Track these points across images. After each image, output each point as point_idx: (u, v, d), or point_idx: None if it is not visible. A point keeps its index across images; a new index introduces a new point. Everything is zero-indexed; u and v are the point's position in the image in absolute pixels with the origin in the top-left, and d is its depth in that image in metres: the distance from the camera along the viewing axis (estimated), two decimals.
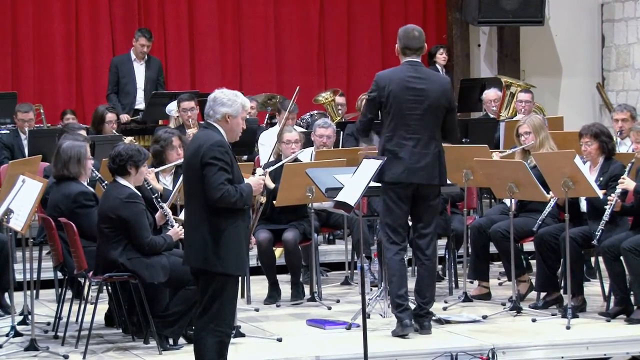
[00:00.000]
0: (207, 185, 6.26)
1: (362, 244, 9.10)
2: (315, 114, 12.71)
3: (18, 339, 8.10)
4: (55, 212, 8.16)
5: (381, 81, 8.01)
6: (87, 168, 8.29)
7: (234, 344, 6.87)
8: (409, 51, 8.06)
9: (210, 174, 6.26)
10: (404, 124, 7.94)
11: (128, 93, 12.67)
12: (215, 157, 6.27)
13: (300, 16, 14.87)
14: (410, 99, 7.95)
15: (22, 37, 13.66)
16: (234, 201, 6.29)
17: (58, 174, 8.27)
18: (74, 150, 8.24)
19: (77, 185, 8.20)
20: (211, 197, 6.26)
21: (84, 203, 8.10)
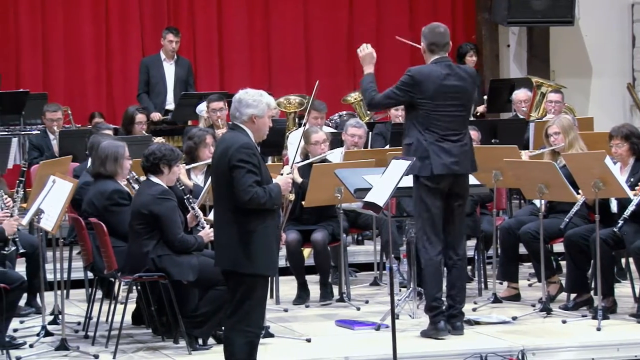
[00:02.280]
0: (235, 188, 6.27)
1: (391, 244, 9.15)
2: (344, 115, 12.71)
3: (49, 338, 8.15)
4: (89, 208, 8.21)
5: (418, 78, 7.98)
6: (124, 168, 8.33)
7: (263, 344, 6.88)
8: (436, 48, 8.05)
9: (238, 177, 6.26)
10: (439, 120, 7.93)
11: (159, 93, 12.71)
12: (242, 160, 6.28)
13: (329, 16, 14.86)
14: (447, 96, 7.95)
15: (52, 38, 13.73)
16: (263, 202, 6.30)
17: (95, 171, 8.35)
18: (112, 149, 8.31)
19: (113, 183, 8.26)
20: (240, 200, 6.27)
21: (118, 201, 8.15)
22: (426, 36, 8.10)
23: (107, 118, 12.97)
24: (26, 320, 8.73)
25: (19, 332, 8.35)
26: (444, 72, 7.99)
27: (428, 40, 8.08)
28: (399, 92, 8.01)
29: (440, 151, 7.90)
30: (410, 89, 7.95)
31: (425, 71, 8.02)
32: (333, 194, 9.05)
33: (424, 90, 7.92)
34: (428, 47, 8.08)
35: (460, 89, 8.01)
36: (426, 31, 8.12)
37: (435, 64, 8.03)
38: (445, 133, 7.93)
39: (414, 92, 7.94)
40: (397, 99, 8.10)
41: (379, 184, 7.52)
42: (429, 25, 8.20)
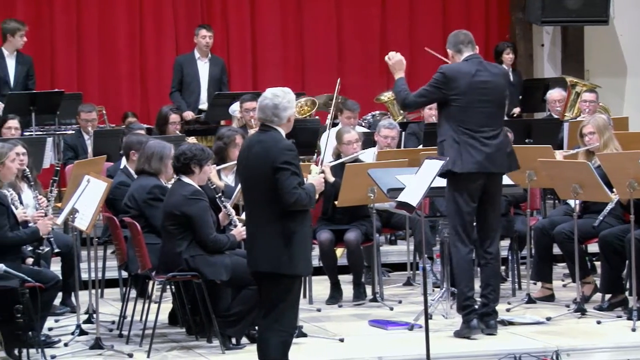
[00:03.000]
0: (280, 190, 6.25)
1: (424, 244, 9.14)
2: (377, 114, 12.69)
3: (83, 337, 8.19)
4: (130, 202, 8.26)
5: (450, 75, 7.98)
6: (168, 167, 8.38)
7: (296, 344, 6.89)
8: (462, 46, 8.08)
9: (283, 179, 6.25)
10: (474, 116, 7.92)
11: (192, 92, 12.74)
12: (287, 162, 6.27)
13: (362, 16, 14.86)
14: (480, 92, 7.95)
15: (86, 38, 13.81)
16: (305, 204, 6.31)
17: (140, 167, 8.41)
18: (158, 148, 8.38)
19: (155, 180, 8.32)
20: (286, 202, 6.26)
21: (158, 196, 8.19)
22: (450, 41, 8.18)
23: (141, 117, 13.03)
24: (61, 319, 8.79)
25: (54, 330, 8.40)
26: (475, 68, 8.00)
27: (452, 44, 8.14)
28: (432, 89, 8.02)
29: (473, 149, 7.88)
30: (443, 86, 7.95)
31: (457, 68, 8.03)
32: (366, 194, 9.05)
33: (456, 86, 7.92)
34: (454, 49, 8.12)
35: (491, 85, 8.00)
36: (449, 38, 8.21)
37: (465, 62, 8.04)
38: (479, 129, 7.91)
39: (447, 89, 7.94)
40: (430, 97, 8.11)
41: (412, 184, 7.51)
42: (452, 32, 8.27)
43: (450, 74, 7.98)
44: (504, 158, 8.02)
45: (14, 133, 10.40)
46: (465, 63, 8.03)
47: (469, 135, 7.90)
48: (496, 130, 8.00)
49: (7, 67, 12.07)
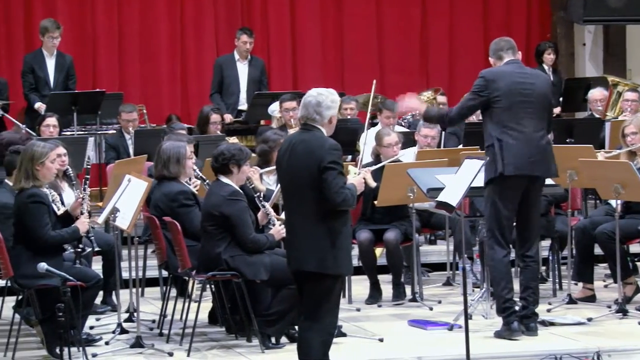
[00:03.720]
0: (327, 190, 6.23)
1: (464, 244, 9.10)
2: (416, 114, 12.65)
3: (124, 335, 8.24)
4: (156, 211, 8.29)
5: (490, 77, 7.96)
6: (187, 167, 8.40)
7: (336, 343, 6.88)
8: (502, 52, 8.08)
9: (330, 179, 6.23)
10: (515, 119, 7.89)
11: (232, 93, 12.78)
12: (334, 162, 6.25)
13: (402, 15, 14.84)
14: (521, 94, 7.93)
15: (128, 38, 13.89)
16: (351, 203, 6.31)
17: (158, 174, 8.41)
18: (174, 150, 8.37)
19: (177, 184, 8.32)
20: (332, 201, 6.24)
21: (183, 202, 8.21)
22: (491, 49, 8.18)
23: (181, 117, 13.08)
24: (102, 318, 8.84)
25: (95, 329, 8.46)
26: (516, 71, 7.98)
27: (493, 51, 8.14)
28: (473, 95, 7.99)
29: (514, 151, 7.84)
30: (484, 90, 7.93)
31: (497, 70, 8.03)
32: (405, 194, 9.03)
33: (497, 88, 7.89)
34: (495, 56, 8.11)
35: (532, 87, 7.97)
36: (491, 46, 8.20)
37: (505, 65, 8.02)
38: (521, 131, 7.87)
39: (489, 91, 7.91)
40: (473, 104, 8.05)
41: (452, 184, 7.49)
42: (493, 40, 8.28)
43: (490, 76, 7.96)
44: (546, 162, 7.97)
45: (52, 131, 10.46)
46: (505, 66, 8.02)
47: (511, 137, 7.87)
48: (539, 132, 7.96)
49: (46, 68, 12.16)
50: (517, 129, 7.88)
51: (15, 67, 12.82)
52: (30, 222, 7.59)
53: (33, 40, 12.92)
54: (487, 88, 7.92)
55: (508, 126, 7.88)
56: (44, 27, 12.15)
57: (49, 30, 12.08)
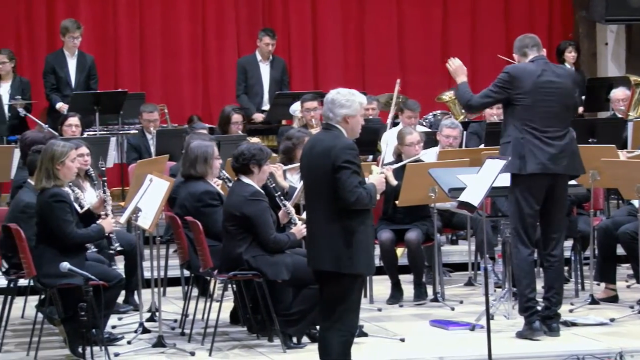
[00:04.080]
0: (341, 189, 6.24)
1: (486, 244, 9.07)
2: (438, 114, 12.65)
3: (146, 335, 8.26)
4: (181, 210, 8.31)
5: (515, 74, 7.95)
6: (214, 167, 8.42)
7: (357, 343, 6.88)
8: (527, 49, 8.05)
9: (344, 177, 6.24)
10: (539, 116, 7.88)
11: (256, 94, 12.80)
12: (348, 161, 6.25)
13: (423, 15, 14.82)
14: (546, 92, 7.91)
15: (149, 37, 13.91)
16: (366, 203, 6.29)
17: (185, 172, 8.44)
18: (201, 150, 8.39)
19: (203, 184, 8.34)
20: (346, 200, 6.24)
21: (208, 202, 8.23)
22: (516, 46, 8.16)
23: (203, 117, 13.11)
24: (124, 317, 8.86)
25: (117, 328, 8.48)
26: (541, 68, 7.97)
27: (518, 48, 8.12)
28: (496, 89, 7.97)
29: (537, 150, 7.82)
30: (508, 85, 7.91)
31: (521, 67, 8.01)
32: (427, 194, 9.02)
33: (521, 86, 7.88)
34: (520, 53, 8.10)
35: (557, 85, 7.95)
36: (515, 43, 8.19)
37: (531, 62, 7.99)
38: (544, 129, 7.86)
39: (511, 88, 7.89)
40: (494, 97, 8.05)
41: (473, 184, 7.47)
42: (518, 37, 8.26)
43: (514, 73, 7.94)
44: (569, 160, 7.94)
45: (74, 130, 10.49)
46: (530, 64, 8.00)
47: (533, 135, 7.85)
48: (562, 131, 7.93)
49: (68, 68, 12.20)
50: (540, 128, 7.86)
51: (38, 68, 12.87)
52: (55, 221, 7.61)
53: (55, 41, 12.97)
54: (511, 85, 7.90)
55: (530, 125, 7.86)
56: (64, 27, 12.19)
57: (70, 31, 12.12)
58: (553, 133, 7.88)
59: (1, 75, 12.10)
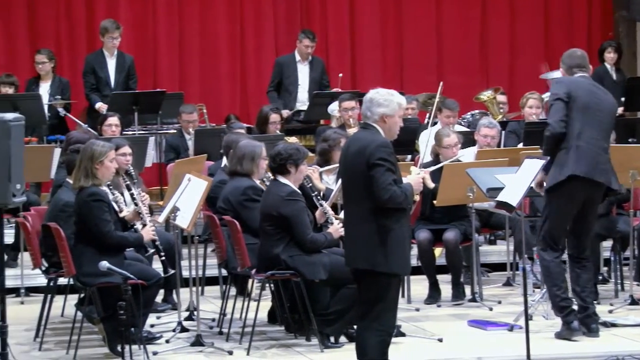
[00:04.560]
0: (375, 187, 6.24)
1: (524, 244, 9.04)
2: (476, 113, 12.61)
3: (184, 334, 8.29)
4: (225, 204, 8.34)
5: (568, 83, 7.96)
6: (260, 167, 8.45)
7: (395, 343, 6.87)
8: (577, 69, 8.07)
9: (378, 175, 6.24)
10: (589, 125, 7.86)
11: (290, 93, 12.82)
12: (382, 158, 6.25)
13: (462, 15, 14.78)
14: (595, 104, 7.92)
15: (188, 37, 13.97)
16: (400, 201, 6.27)
17: (232, 169, 8.49)
18: (249, 148, 8.44)
19: (248, 180, 8.39)
20: (380, 198, 6.24)
21: (252, 197, 8.26)
22: (565, 61, 8.14)
23: (241, 117, 13.13)
24: (162, 316, 8.90)
25: (156, 327, 8.52)
26: (588, 82, 8.02)
27: (567, 65, 8.11)
28: (559, 101, 7.89)
29: (586, 155, 7.79)
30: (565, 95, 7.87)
31: (573, 79, 8.02)
32: (465, 193, 9.00)
33: (575, 94, 7.90)
34: (568, 71, 8.08)
35: (603, 103, 7.97)
36: (565, 57, 8.15)
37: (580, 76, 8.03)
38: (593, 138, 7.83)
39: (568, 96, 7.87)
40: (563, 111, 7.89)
41: (512, 183, 7.44)
42: (567, 51, 8.23)
43: (567, 82, 7.97)
44: (611, 173, 7.97)
45: (114, 130, 10.54)
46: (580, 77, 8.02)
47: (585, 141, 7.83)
48: (605, 144, 7.96)
49: (107, 68, 12.27)
50: (590, 135, 7.84)
51: (77, 68, 12.96)
52: (93, 220, 7.66)
53: (95, 41, 13.05)
54: (567, 94, 7.87)
55: (582, 132, 7.83)
56: (103, 28, 12.28)
57: (109, 31, 12.20)
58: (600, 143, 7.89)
59: (41, 75, 12.20)
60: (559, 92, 7.90)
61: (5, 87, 11.88)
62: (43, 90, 12.06)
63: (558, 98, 7.89)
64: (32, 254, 8.35)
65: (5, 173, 6.54)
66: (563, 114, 7.86)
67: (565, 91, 7.88)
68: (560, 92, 7.89)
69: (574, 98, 7.87)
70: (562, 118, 7.85)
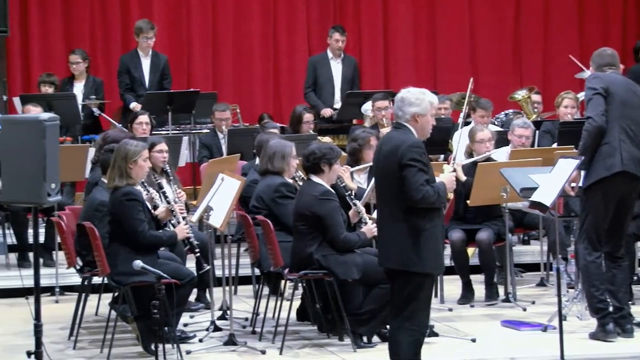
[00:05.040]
0: (407, 187, 6.24)
1: (558, 245, 9.00)
2: (510, 113, 12.56)
3: (217, 333, 8.31)
4: (258, 202, 8.35)
5: (604, 78, 7.91)
6: (291, 166, 8.46)
7: (428, 343, 6.87)
8: (606, 67, 8.00)
9: (410, 175, 6.24)
10: (627, 120, 7.82)
11: (326, 92, 12.81)
12: (414, 159, 6.25)
13: (496, 15, 14.73)
14: (630, 98, 7.87)
15: (222, 37, 14.00)
16: (433, 201, 6.27)
17: (263, 168, 8.51)
18: (280, 147, 8.47)
19: (280, 178, 8.40)
20: (412, 198, 6.24)
21: (285, 193, 8.28)
22: (595, 60, 8.09)
23: (274, 116, 13.16)
24: (196, 315, 8.93)
25: (189, 326, 8.55)
26: (622, 79, 7.99)
27: (597, 64, 8.06)
28: (597, 95, 7.85)
29: (629, 150, 7.75)
30: (602, 89, 7.83)
31: (607, 75, 7.96)
32: (498, 193, 8.97)
33: (612, 88, 7.85)
34: (598, 70, 8.03)
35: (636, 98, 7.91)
36: (595, 56, 8.10)
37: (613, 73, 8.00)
38: (632, 131, 7.78)
39: (605, 91, 7.83)
40: (602, 100, 7.86)
41: (546, 183, 7.41)
42: (597, 50, 8.18)
43: (602, 77, 7.91)
44: None
45: (145, 129, 10.58)
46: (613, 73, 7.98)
47: (626, 135, 7.80)
48: None
49: (142, 68, 12.33)
50: (629, 129, 7.81)
51: (112, 68, 13.03)
52: (127, 219, 7.69)
53: (129, 41, 13.11)
54: (605, 89, 7.83)
55: (621, 126, 7.80)
56: (138, 28, 12.34)
57: (143, 31, 12.26)
58: (634, 138, 7.83)
59: (75, 75, 12.28)
60: (596, 86, 7.85)
61: (45, 86, 11.97)
62: (77, 90, 12.14)
63: (596, 92, 7.84)
64: (66, 253, 8.41)
65: (40, 173, 6.58)
66: (603, 108, 7.81)
67: (602, 85, 7.84)
68: (597, 86, 7.85)
69: (612, 93, 7.82)
70: (603, 112, 7.79)
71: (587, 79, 8.04)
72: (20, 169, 6.63)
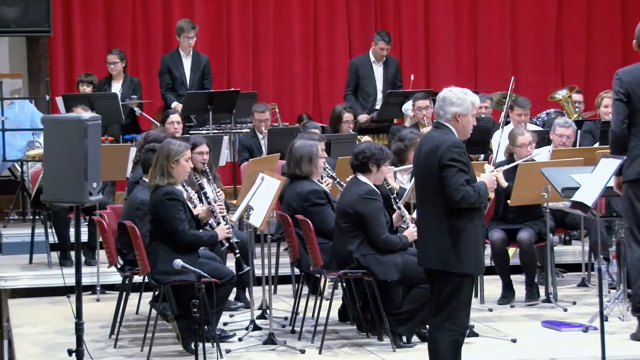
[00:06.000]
0: (447, 187, 6.22)
1: (600, 245, 8.92)
2: (551, 112, 12.49)
3: (257, 332, 8.33)
4: (288, 210, 8.34)
5: (623, 76, 7.85)
6: (318, 167, 8.44)
7: (467, 343, 6.85)
8: None
9: (450, 176, 6.22)
10: None
11: (369, 95, 12.80)
12: (453, 159, 6.23)
13: (537, 14, 14.67)
14: None
15: (262, 37, 14.03)
16: (473, 201, 6.24)
17: (290, 172, 8.46)
18: (306, 149, 8.42)
19: (309, 183, 8.37)
20: (452, 199, 6.22)
21: (315, 201, 8.25)
22: (638, 35, 7.95)
23: (313, 116, 13.17)
24: (235, 315, 8.95)
25: (229, 325, 8.57)
26: None
27: (638, 40, 7.91)
28: (617, 102, 7.83)
29: None
30: (621, 89, 7.75)
31: (630, 70, 7.89)
32: (539, 193, 8.92)
33: (631, 88, 7.74)
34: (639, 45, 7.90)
35: None
36: (638, 29, 7.96)
37: None
38: None
39: (623, 90, 7.74)
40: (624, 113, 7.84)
41: (587, 183, 7.37)
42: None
43: (623, 77, 7.86)
44: None
45: (177, 127, 10.68)
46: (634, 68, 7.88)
47: None
48: None
49: (183, 68, 12.40)
50: None
51: (154, 67, 13.11)
52: (167, 219, 7.72)
53: (171, 41, 13.18)
54: (624, 93, 7.76)
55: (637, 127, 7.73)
56: (179, 28, 12.40)
57: (185, 31, 12.32)
58: None
59: (112, 75, 12.35)
60: (617, 89, 7.82)
61: (84, 85, 12.07)
62: (115, 89, 12.22)
63: (617, 99, 7.83)
64: (107, 252, 8.46)
65: (81, 172, 6.62)
66: (624, 116, 7.80)
67: (622, 90, 7.79)
68: (618, 89, 7.81)
69: (633, 96, 7.77)
70: (623, 120, 7.79)
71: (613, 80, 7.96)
72: (62, 169, 6.67)
